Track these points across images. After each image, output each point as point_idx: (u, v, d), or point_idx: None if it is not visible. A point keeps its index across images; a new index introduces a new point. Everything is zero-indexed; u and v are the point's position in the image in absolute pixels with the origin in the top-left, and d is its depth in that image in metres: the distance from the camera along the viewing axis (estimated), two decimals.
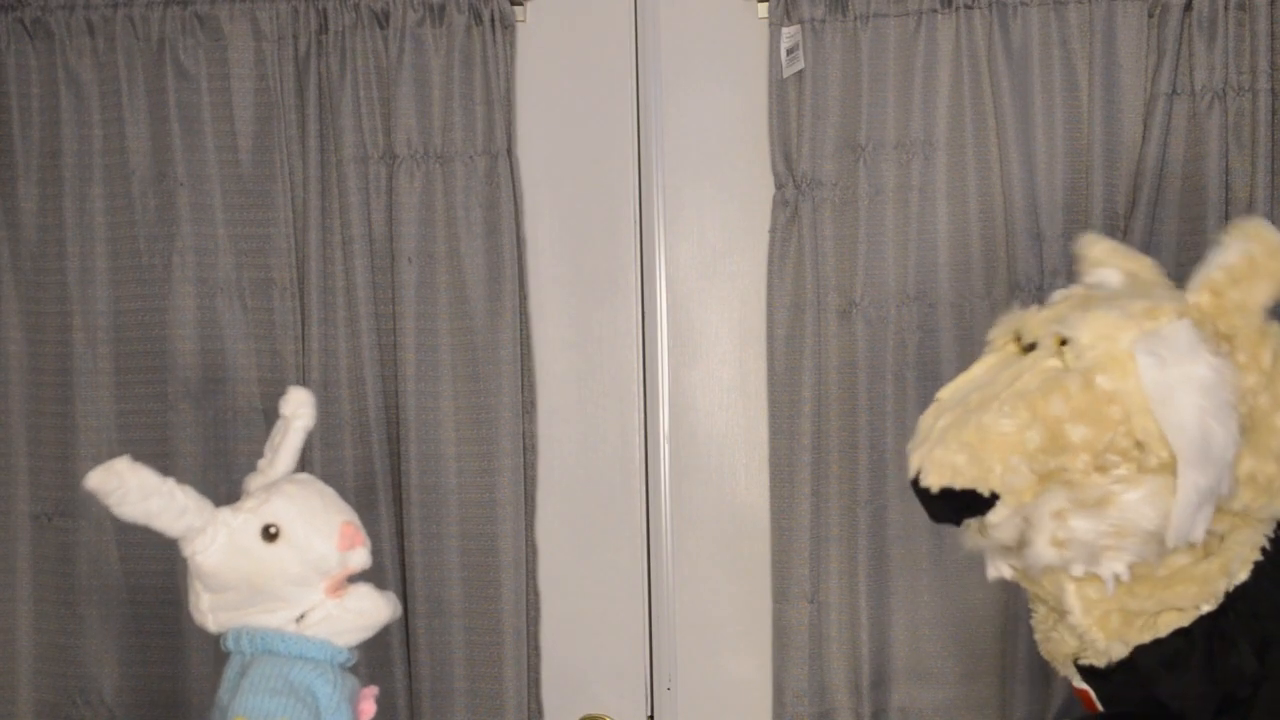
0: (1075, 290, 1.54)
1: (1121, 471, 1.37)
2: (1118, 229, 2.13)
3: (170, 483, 1.61)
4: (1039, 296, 2.12)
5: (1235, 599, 1.44)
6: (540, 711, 2.26)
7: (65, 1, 2.22)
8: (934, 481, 1.41)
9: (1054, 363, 1.43)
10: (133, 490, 1.56)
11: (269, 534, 1.63)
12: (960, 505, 1.42)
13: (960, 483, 1.40)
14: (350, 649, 1.69)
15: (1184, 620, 1.44)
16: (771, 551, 2.22)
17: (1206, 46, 2.11)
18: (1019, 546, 1.44)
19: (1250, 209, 2.10)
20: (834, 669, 2.22)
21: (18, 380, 2.26)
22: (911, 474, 1.44)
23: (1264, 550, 1.46)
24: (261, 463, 1.73)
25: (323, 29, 2.21)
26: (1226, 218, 2.11)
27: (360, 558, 1.68)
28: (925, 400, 2.13)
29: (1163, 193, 2.12)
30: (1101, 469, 1.37)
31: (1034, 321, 1.49)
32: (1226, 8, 2.11)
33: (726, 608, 2.28)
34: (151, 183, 2.24)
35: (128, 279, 2.24)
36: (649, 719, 2.30)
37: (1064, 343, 1.42)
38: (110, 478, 1.54)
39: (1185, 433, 1.34)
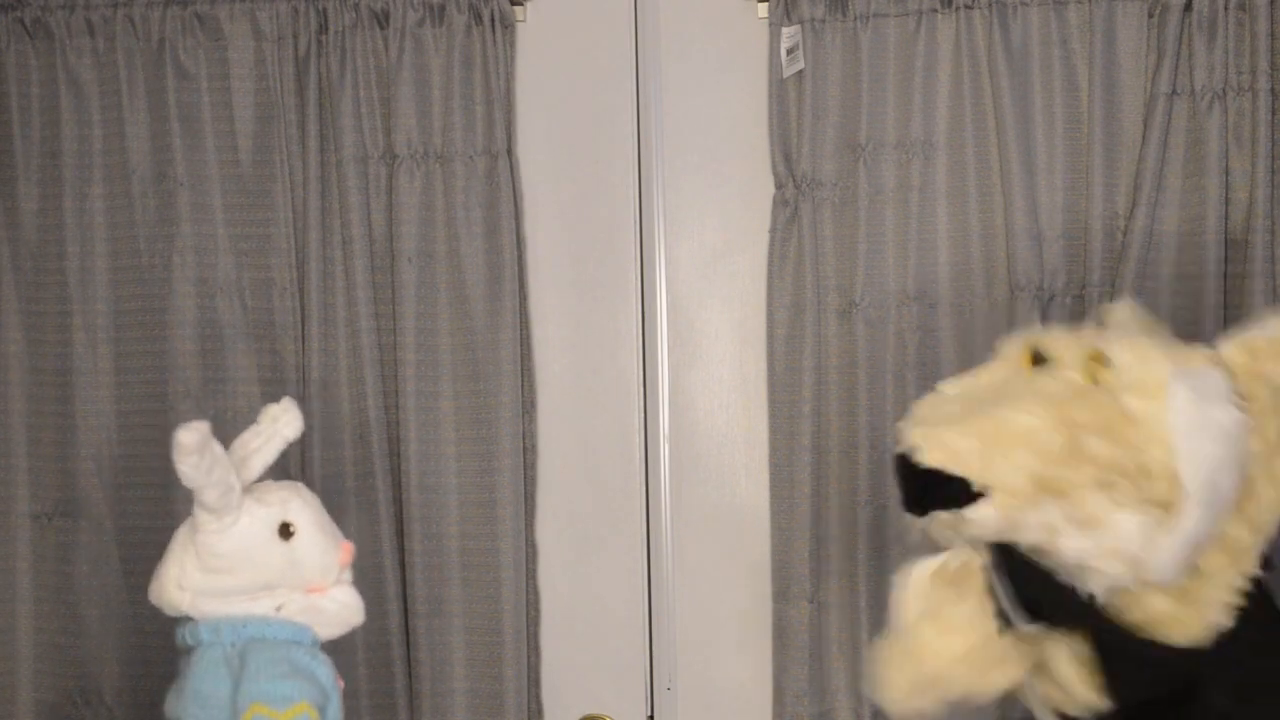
0: (1087, 331, 1.56)
1: (1120, 495, 1.39)
2: (1118, 229, 2.13)
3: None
4: (1039, 296, 2.13)
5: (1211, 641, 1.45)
6: (540, 711, 2.26)
7: (65, 1, 2.22)
8: (932, 459, 1.38)
9: (1077, 377, 1.44)
10: (210, 458, 1.63)
11: (287, 531, 1.73)
12: (942, 494, 1.40)
13: (956, 467, 1.38)
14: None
15: None
16: (771, 551, 2.22)
17: (1206, 46, 2.11)
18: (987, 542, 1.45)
19: (1250, 209, 2.10)
20: (834, 669, 2.21)
21: (18, 380, 2.26)
22: (905, 447, 1.41)
23: (1244, 594, 1.47)
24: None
25: (323, 29, 2.21)
26: (1226, 218, 2.11)
27: (348, 576, 1.82)
28: None
29: (1163, 193, 2.12)
30: (1102, 486, 1.39)
31: (1060, 341, 1.51)
32: (1226, 8, 2.10)
33: (726, 608, 2.28)
34: (151, 183, 2.24)
35: (128, 279, 2.24)
36: (649, 719, 2.30)
37: (1096, 359, 1.43)
38: (202, 441, 1.61)
39: (1202, 471, 1.36)
